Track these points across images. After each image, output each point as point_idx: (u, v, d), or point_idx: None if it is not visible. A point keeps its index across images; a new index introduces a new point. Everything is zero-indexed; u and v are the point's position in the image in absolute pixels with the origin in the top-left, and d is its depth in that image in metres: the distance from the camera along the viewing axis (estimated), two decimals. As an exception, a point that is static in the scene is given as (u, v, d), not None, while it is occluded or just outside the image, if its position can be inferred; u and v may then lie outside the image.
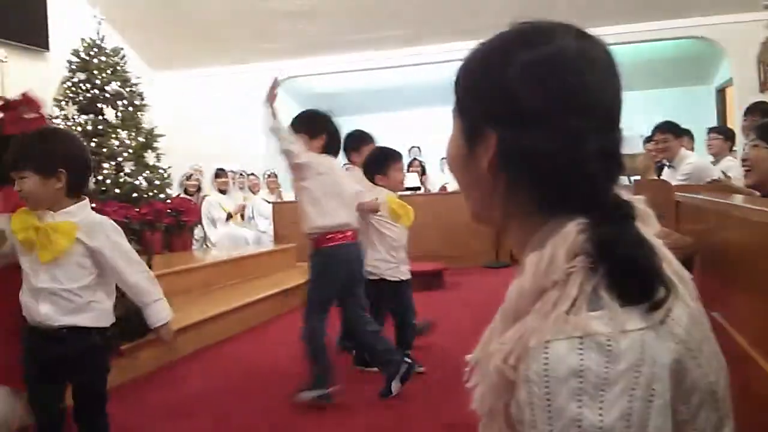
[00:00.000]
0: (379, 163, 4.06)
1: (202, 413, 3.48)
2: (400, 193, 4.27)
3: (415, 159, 10.45)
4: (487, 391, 0.78)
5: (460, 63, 0.88)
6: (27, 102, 2.89)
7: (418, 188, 9.09)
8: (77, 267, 2.34)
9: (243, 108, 10.55)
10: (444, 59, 9.89)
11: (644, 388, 0.66)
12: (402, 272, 4.04)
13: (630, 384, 0.66)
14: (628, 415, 0.65)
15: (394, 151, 4.15)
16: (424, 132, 10.72)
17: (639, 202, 0.82)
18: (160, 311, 2.47)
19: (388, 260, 3.96)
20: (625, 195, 0.80)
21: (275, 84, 3.43)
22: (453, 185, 9.57)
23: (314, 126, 3.55)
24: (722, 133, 6.10)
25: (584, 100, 0.77)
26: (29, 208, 2.36)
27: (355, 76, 11.24)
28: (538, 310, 0.73)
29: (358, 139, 4.43)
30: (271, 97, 3.41)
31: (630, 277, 0.71)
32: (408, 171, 8.84)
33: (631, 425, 0.66)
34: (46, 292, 2.33)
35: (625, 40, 8.78)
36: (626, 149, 0.81)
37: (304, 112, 3.69)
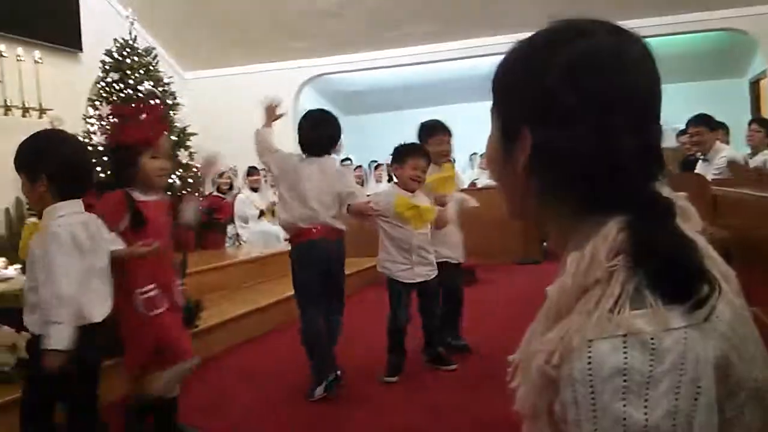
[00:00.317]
0: (397, 156, 3.94)
1: (234, 409, 3.52)
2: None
3: (443, 155, 10.42)
4: (529, 391, 0.78)
5: (496, 62, 0.88)
6: (146, 109, 3.15)
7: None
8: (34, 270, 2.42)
9: (273, 106, 10.63)
10: (473, 55, 9.86)
11: (689, 386, 0.66)
12: (418, 274, 3.88)
13: (675, 382, 0.66)
14: (674, 414, 0.66)
15: (416, 146, 4.00)
16: (453, 128, 10.69)
17: (680, 198, 0.81)
18: (52, 335, 2.30)
19: (399, 261, 3.85)
20: (666, 191, 0.79)
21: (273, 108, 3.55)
22: (483, 181, 9.54)
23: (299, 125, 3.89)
24: (764, 125, 6.00)
25: (619, 98, 0.77)
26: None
27: (384, 72, 11.24)
28: (581, 309, 0.73)
29: (429, 129, 4.27)
30: (270, 120, 3.64)
31: (671, 276, 0.70)
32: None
33: (677, 423, 0.66)
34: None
35: (656, 33, 8.66)
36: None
37: None
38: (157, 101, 6.68)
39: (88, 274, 2.43)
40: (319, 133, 3.79)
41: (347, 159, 10.34)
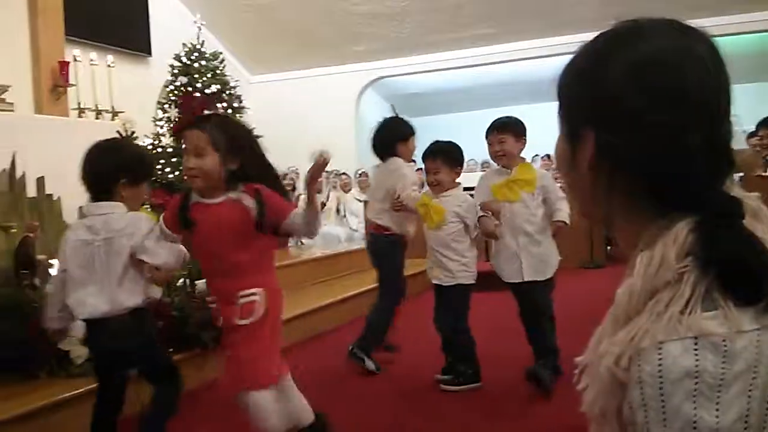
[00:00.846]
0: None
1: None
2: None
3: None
4: (598, 394, 0.78)
5: (558, 62, 0.89)
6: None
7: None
8: None
9: (334, 108, 10.74)
10: (533, 56, 9.80)
11: (762, 389, 0.66)
12: (434, 276, 3.75)
13: (747, 385, 0.66)
14: (746, 416, 0.65)
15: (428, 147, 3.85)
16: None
17: (752, 198, 0.80)
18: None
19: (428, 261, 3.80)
20: (736, 191, 0.78)
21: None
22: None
23: None
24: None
25: (683, 98, 0.76)
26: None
27: (443, 74, 11.24)
28: (650, 310, 0.73)
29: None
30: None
31: (741, 277, 0.70)
32: (482, 170, 8.77)
33: (749, 426, 0.65)
34: None
35: (724, 32, 8.44)
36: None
37: None
38: (224, 104, 6.85)
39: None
40: (373, 138, 4.16)
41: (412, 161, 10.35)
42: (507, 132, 3.65)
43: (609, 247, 8.51)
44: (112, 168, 2.61)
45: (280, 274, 5.67)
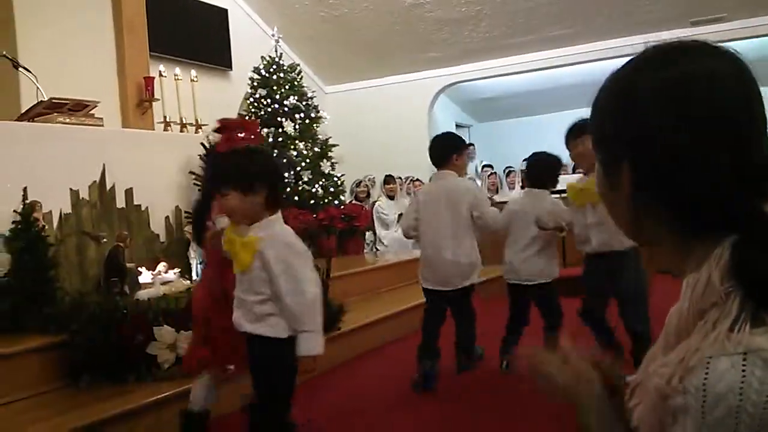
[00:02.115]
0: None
1: (372, 410, 3.62)
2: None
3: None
4: (648, 411, 0.79)
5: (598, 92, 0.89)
6: (242, 124, 3.19)
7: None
8: (258, 280, 2.50)
9: (408, 115, 10.80)
10: (607, 56, 9.61)
11: None
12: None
13: None
14: None
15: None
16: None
17: None
18: (306, 342, 2.47)
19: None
20: None
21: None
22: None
23: None
24: None
25: (712, 119, 0.77)
26: (234, 223, 2.57)
27: (516, 78, 11.15)
28: (699, 330, 0.74)
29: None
30: None
31: None
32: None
33: None
34: (239, 299, 2.58)
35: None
36: None
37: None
38: (302, 115, 7.03)
39: None
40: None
41: (488, 166, 10.27)
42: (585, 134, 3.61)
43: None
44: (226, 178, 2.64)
45: (357, 279, 5.80)
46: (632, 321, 3.62)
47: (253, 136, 3.11)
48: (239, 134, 3.06)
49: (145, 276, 4.21)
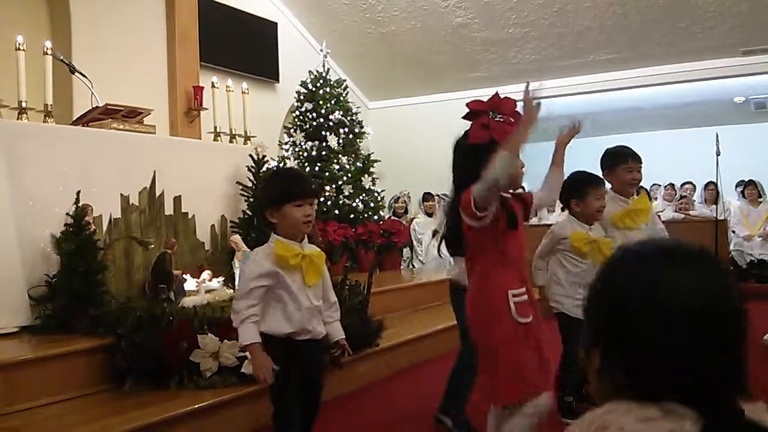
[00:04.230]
0: (577, 187, 3.67)
1: (410, 428, 3.61)
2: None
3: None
4: None
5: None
6: (495, 105, 2.64)
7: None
8: (322, 289, 2.73)
9: (450, 134, 10.76)
10: (653, 83, 9.54)
11: None
12: None
13: None
14: None
15: (596, 176, 3.75)
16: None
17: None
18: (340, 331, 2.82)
19: (573, 296, 3.62)
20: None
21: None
22: (667, 214, 9.12)
23: None
24: None
25: (684, 319, 0.86)
26: (302, 234, 2.65)
27: (564, 100, 11.09)
28: None
29: (617, 156, 3.90)
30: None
31: None
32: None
33: None
34: (315, 310, 2.67)
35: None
36: None
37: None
38: (346, 130, 7.07)
39: None
40: None
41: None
42: (639, 160, 3.78)
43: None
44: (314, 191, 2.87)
45: (396, 296, 5.79)
46: None
47: (512, 119, 2.58)
48: (496, 118, 2.60)
49: (190, 283, 4.25)
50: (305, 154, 7.00)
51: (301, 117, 7.21)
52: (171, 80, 6.65)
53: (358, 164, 7.24)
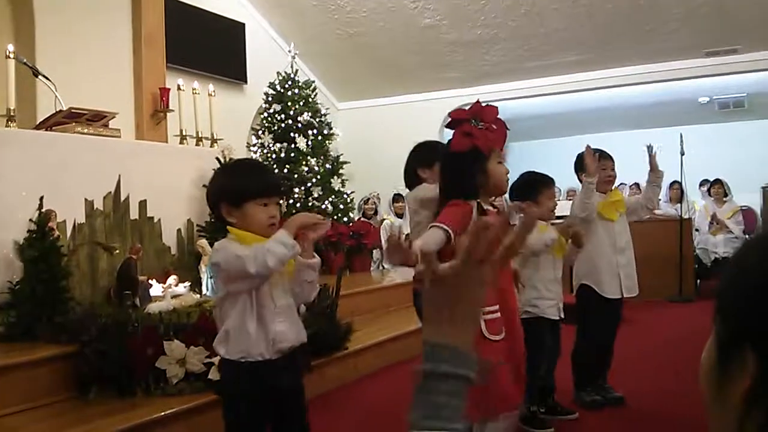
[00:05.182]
0: (529, 188, 3.65)
1: (382, 428, 3.61)
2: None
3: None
4: None
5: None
6: (476, 113, 2.61)
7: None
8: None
9: (419, 135, 10.78)
10: (620, 83, 9.68)
11: None
12: (560, 309, 3.68)
13: None
14: None
15: (546, 176, 3.74)
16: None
17: None
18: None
19: (547, 297, 3.61)
20: None
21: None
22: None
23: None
24: None
25: None
26: (269, 232, 2.23)
27: (531, 101, 11.18)
28: None
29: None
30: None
31: None
32: (567, 199, 8.64)
33: None
34: (289, 309, 2.33)
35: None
36: None
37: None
38: (315, 131, 7.06)
39: None
40: None
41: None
42: (611, 159, 4.06)
43: (699, 281, 8.25)
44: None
45: (366, 297, 5.78)
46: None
47: (495, 126, 2.62)
48: (478, 126, 2.56)
49: (156, 289, 4.21)
50: (274, 156, 6.97)
51: (269, 119, 7.18)
52: (137, 82, 6.56)
53: (328, 166, 7.23)
